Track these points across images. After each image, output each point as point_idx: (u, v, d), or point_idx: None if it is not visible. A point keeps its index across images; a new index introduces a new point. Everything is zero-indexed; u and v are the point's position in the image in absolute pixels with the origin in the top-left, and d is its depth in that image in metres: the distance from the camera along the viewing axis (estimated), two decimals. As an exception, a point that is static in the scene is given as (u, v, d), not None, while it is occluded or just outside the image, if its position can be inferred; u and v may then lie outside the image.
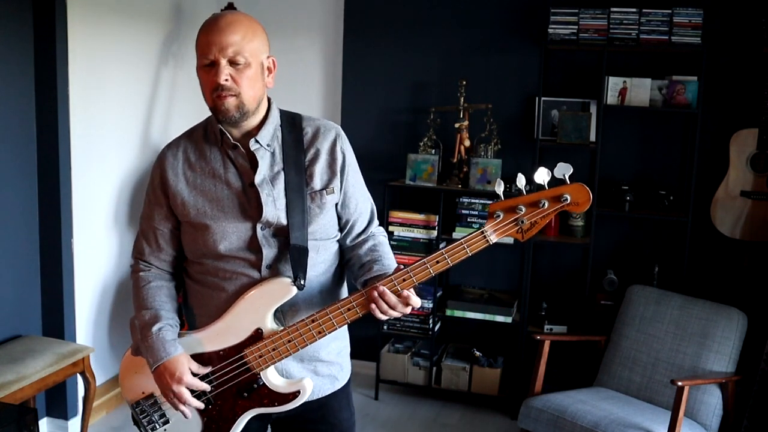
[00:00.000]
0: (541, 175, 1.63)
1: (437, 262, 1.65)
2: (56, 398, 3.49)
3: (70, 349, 3.20)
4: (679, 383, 2.90)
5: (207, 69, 1.70)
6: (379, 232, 1.93)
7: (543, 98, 3.93)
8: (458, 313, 4.02)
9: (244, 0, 4.12)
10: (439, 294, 4.08)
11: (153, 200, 1.85)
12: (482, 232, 1.65)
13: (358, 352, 4.30)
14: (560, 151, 4.03)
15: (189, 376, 1.73)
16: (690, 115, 3.77)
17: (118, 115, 3.77)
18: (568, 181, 1.63)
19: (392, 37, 4.25)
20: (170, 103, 4.15)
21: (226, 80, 1.68)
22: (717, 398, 3.17)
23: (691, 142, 3.78)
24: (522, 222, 1.65)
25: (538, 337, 3.42)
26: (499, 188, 1.68)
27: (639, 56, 3.88)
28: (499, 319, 3.96)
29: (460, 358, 4.12)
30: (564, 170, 1.62)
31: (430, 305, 4.02)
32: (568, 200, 1.63)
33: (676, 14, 3.61)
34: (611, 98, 3.76)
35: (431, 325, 4.04)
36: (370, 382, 4.21)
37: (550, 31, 3.75)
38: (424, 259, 1.65)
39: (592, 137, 3.83)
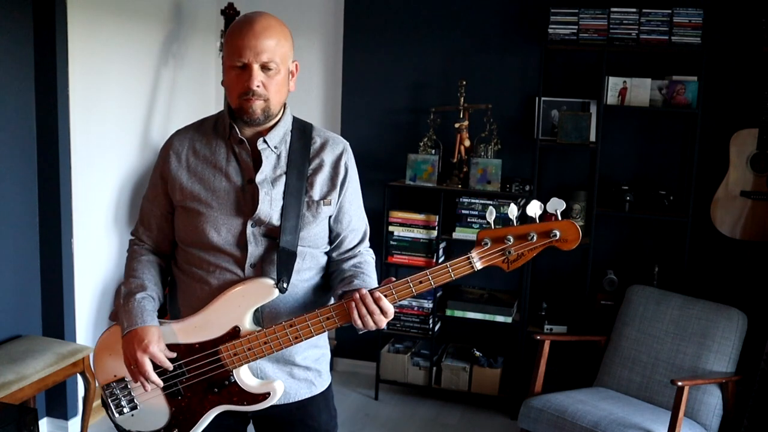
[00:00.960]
0: (533, 208, 1.65)
1: (420, 282, 1.68)
2: (56, 398, 3.49)
3: (70, 349, 3.20)
4: (679, 383, 2.90)
5: (237, 71, 1.72)
6: (367, 253, 1.94)
7: (543, 98, 3.93)
8: (458, 313, 4.02)
9: (244, 0, 4.12)
10: (439, 294, 4.08)
11: (154, 183, 1.89)
12: (468, 258, 1.67)
13: (358, 352, 4.35)
14: (560, 151, 4.04)
15: (156, 347, 1.74)
16: (690, 115, 3.77)
17: (118, 115, 3.77)
18: (560, 217, 1.65)
19: (392, 37, 4.25)
20: (170, 103, 4.15)
21: (258, 86, 1.70)
22: (717, 398, 3.17)
23: (691, 142, 3.78)
24: (509, 253, 1.67)
25: (538, 337, 3.42)
26: (491, 216, 1.71)
27: (639, 56, 3.88)
28: (499, 319, 3.96)
29: (460, 358, 4.12)
30: (556, 206, 1.64)
31: (430, 305, 4.02)
32: (557, 236, 1.65)
33: (676, 14, 3.61)
34: (611, 98, 3.76)
35: (431, 325, 4.04)
36: (370, 382, 4.21)
37: (550, 31, 3.75)
38: (408, 278, 1.68)
39: (592, 137, 3.83)
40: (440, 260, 4.05)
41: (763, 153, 3.56)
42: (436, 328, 4.09)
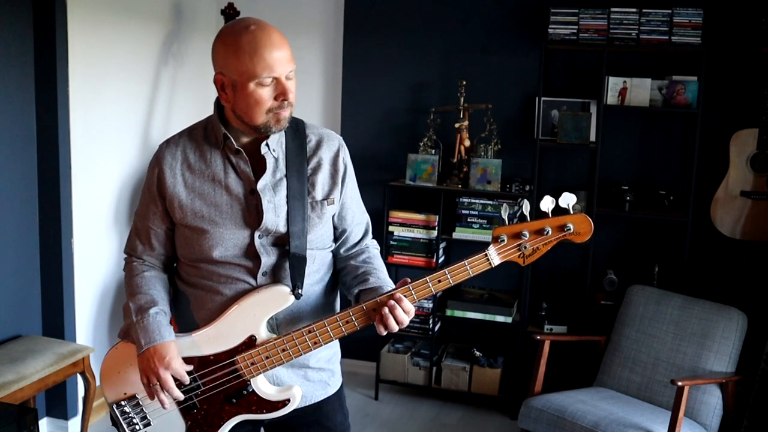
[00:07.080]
0: (546, 203, 1.68)
1: (439, 280, 1.68)
2: (56, 398, 3.49)
3: (70, 349, 3.20)
4: (679, 383, 2.91)
5: (265, 86, 1.64)
6: (372, 245, 1.93)
7: (543, 98, 3.93)
8: (458, 313, 4.02)
9: (244, 0, 4.12)
10: (438, 294, 4.08)
11: (148, 199, 1.82)
12: (485, 255, 1.68)
13: (358, 352, 4.34)
14: (560, 151, 4.04)
15: (178, 362, 1.71)
16: (690, 115, 3.77)
17: (118, 115, 3.77)
18: (572, 211, 1.68)
19: (392, 37, 4.25)
20: (170, 103, 4.15)
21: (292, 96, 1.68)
22: (717, 398, 3.17)
23: (691, 142, 3.78)
24: (525, 247, 1.69)
25: (538, 337, 3.42)
26: (505, 213, 1.72)
27: (639, 56, 3.88)
28: (499, 319, 3.96)
29: (460, 358, 4.12)
30: (568, 200, 1.68)
31: (430, 305, 4.02)
32: (572, 230, 1.68)
33: (676, 14, 3.61)
34: (611, 98, 3.76)
35: (431, 325, 4.04)
36: (370, 382, 4.21)
37: (550, 31, 3.75)
38: (427, 277, 1.68)
39: (592, 137, 3.83)
40: (440, 260, 4.05)
41: (763, 153, 3.56)
42: (436, 328, 4.09)
